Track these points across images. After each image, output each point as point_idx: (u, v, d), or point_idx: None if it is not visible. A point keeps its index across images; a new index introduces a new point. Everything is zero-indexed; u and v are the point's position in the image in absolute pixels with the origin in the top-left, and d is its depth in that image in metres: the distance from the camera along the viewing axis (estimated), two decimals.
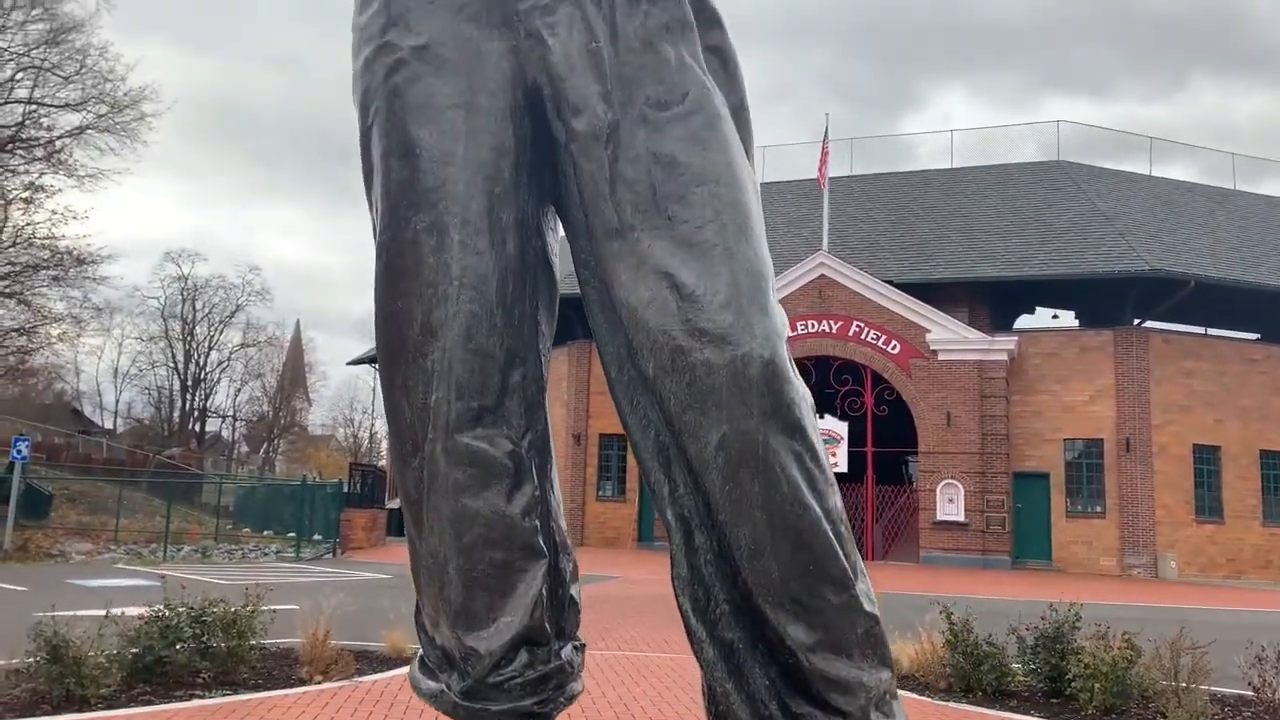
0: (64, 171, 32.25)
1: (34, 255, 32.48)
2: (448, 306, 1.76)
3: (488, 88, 1.78)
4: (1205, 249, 30.19)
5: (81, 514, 29.27)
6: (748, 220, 1.69)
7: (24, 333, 33.70)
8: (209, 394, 65.84)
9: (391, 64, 1.82)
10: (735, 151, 1.74)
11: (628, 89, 1.73)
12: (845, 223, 33.32)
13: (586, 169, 1.74)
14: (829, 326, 28.64)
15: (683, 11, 1.78)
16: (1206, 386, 28.04)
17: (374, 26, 1.86)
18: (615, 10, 1.75)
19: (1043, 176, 34.12)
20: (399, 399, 1.81)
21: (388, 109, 1.81)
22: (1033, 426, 28.17)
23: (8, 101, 32.34)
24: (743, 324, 1.60)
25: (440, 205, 1.77)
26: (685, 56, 1.76)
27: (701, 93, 1.74)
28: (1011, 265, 29.49)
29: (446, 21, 1.80)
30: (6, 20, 31.93)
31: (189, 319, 61.97)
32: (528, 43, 1.78)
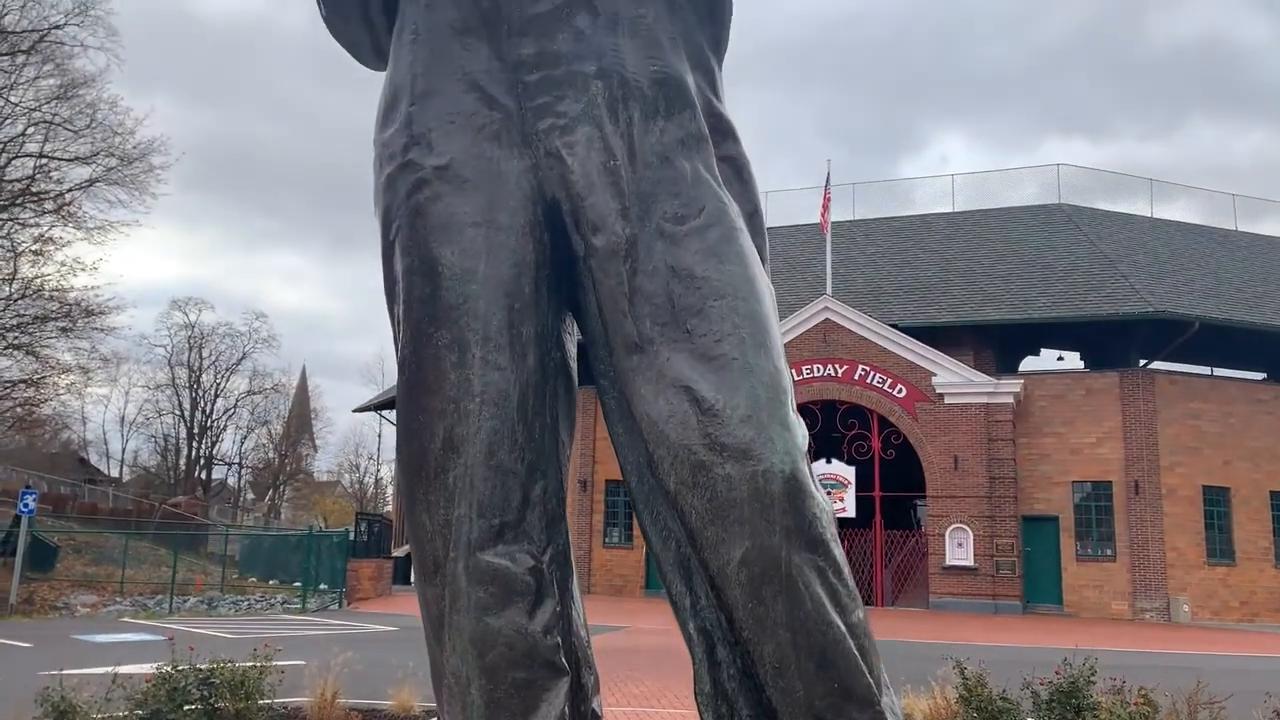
0: (73, 224, 32.57)
1: (43, 307, 32.68)
2: (469, 423, 1.78)
3: (508, 205, 1.82)
4: (1209, 290, 30.23)
5: (87, 565, 29.18)
6: (766, 333, 1.71)
7: (32, 384, 33.79)
8: (215, 441, 65.86)
9: (414, 183, 1.86)
10: (752, 264, 1.77)
11: (645, 204, 1.76)
12: (848, 267, 33.46)
13: (606, 284, 1.77)
14: (834, 370, 28.66)
15: (698, 126, 1.83)
16: (1214, 428, 27.94)
17: (396, 144, 1.90)
18: (632, 128, 1.79)
19: (1044, 219, 34.27)
20: (420, 514, 1.82)
21: (410, 227, 1.85)
22: (1040, 469, 28.05)
23: (19, 155, 32.73)
24: (764, 439, 1.62)
25: (462, 322, 1.80)
26: (701, 170, 1.80)
27: (718, 206, 1.78)
28: (1015, 308, 29.54)
29: (468, 141, 1.85)
30: (18, 76, 32.44)
31: (195, 367, 62.20)
32: (547, 161, 1.82)
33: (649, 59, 1.83)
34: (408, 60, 1.92)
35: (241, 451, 68.43)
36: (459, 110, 1.87)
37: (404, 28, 1.94)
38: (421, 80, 1.90)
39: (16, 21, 31.92)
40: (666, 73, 1.83)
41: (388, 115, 1.94)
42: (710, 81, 1.91)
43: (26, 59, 32.46)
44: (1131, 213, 35.62)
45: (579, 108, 1.81)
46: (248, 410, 66.02)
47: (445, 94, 1.88)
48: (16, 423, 37.24)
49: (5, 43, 32.07)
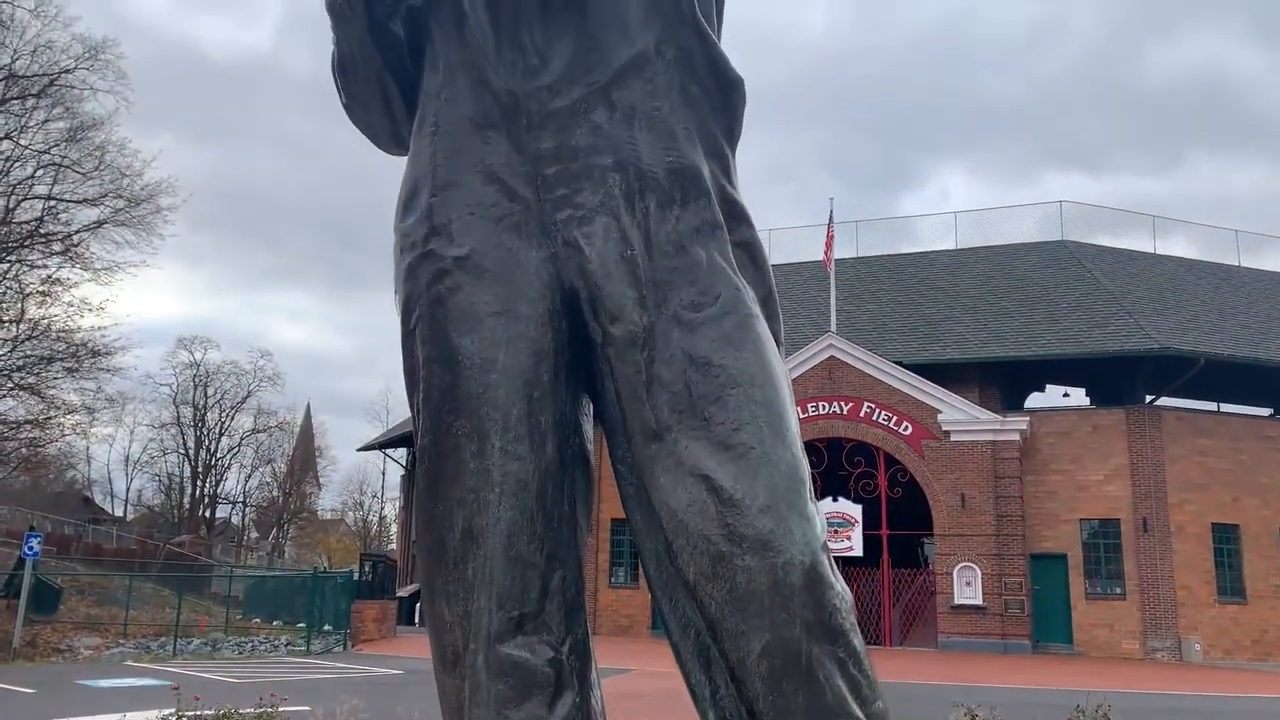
0: (81, 265, 32.70)
1: (49, 347, 32.78)
2: (489, 513, 1.79)
3: (527, 295, 1.85)
4: (1213, 326, 30.23)
5: (90, 606, 29.05)
6: (783, 421, 1.72)
7: (38, 424, 33.81)
8: (219, 480, 65.79)
9: (434, 273, 1.89)
10: (768, 351, 1.78)
11: (662, 292, 1.78)
12: (852, 304, 33.52)
13: (624, 372, 1.78)
14: (840, 408, 28.63)
15: (712, 214, 1.85)
16: (1222, 464, 27.82)
17: (417, 234, 1.92)
18: (649, 217, 1.82)
19: (1047, 256, 34.36)
20: (440, 604, 1.83)
21: (430, 317, 1.88)
22: (1047, 507, 27.92)
23: (28, 197, 32.95)
24: (783, 530, 1.62)
25: (482, 411, 1.81)
26: (716, 257, 1.82)
27: (733, 294, 1.79)
28: (1020, 345, 29.55)
29: (487, 231, 1.87)
30: (29, 119, 32.75)
31: (200, 405, 62.24)
32: (565, 250, 1.85)
33: (664, 150, 1.85)
34: (429, 152, 1.95)
35: (245, 490, 68.35)
36: (479, 201, 1.89)
37: (425, 120, 1.97)
38: (443, 172, 1.93)
39: (27, 66, 32.29)
40: (682, 163, 1.86)
41: (409, 205, 1.97)
42: (724, 169, 1.94)
43: (37, 102, 32.78)
44: (1134, 249, 35.72)
45: (596, 199, 1.84)
46: (252, 448, 66.04)
47: (466, 185, 1.91)
48: (21, 463, 37.21)
49: (16, 87, 32.42)
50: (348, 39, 1.97)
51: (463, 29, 1.92)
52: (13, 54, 31.92)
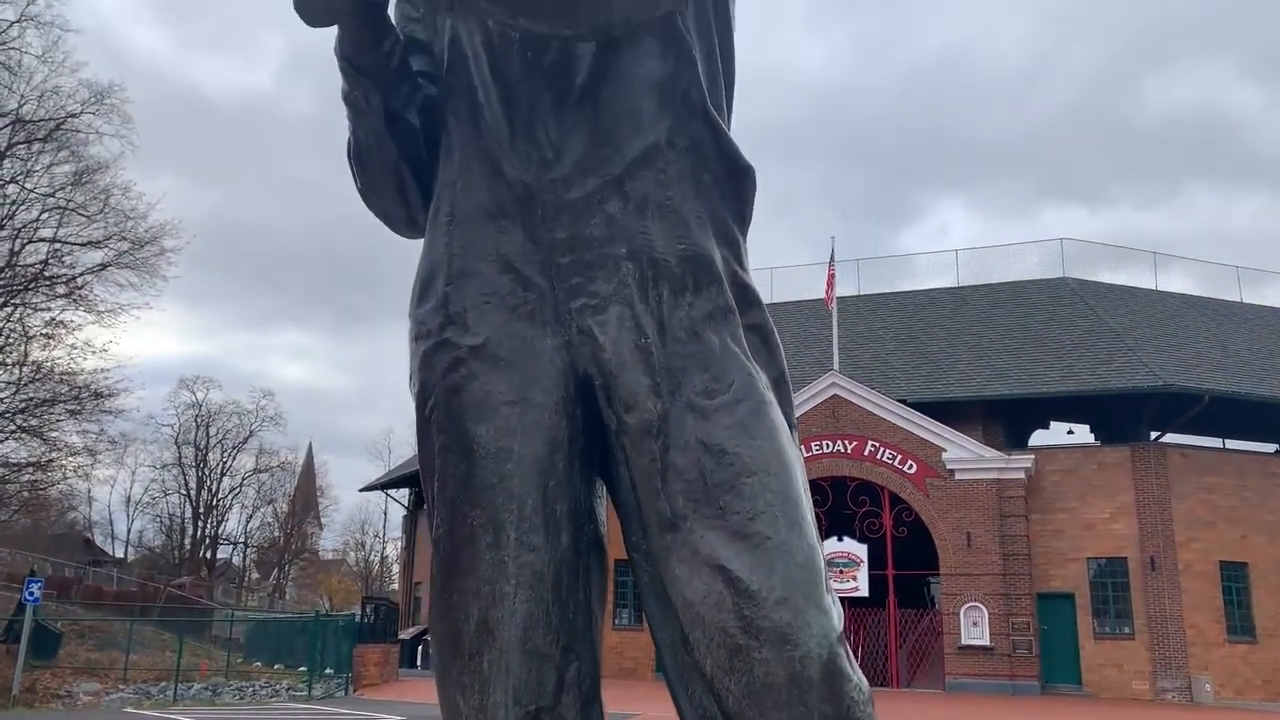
0: (84, 307, 32.83)
1: (52, 390, 32.82)
2: (504, 606, 1.78)
3: (542, 384, 1.85)
4: (1216, 362, 30.23)
5: (90, 650, 28.87)
6: (798, 510, 1.72)
7: (39, 467, 33.77)
8: (220, 521, 65.62)
9: (450, 361, 1.89)
10: (782, 438, 1.78)
11: (676, 378, 1.78)
12: (854, 342, 33.56)
13: (639, 462, 1.78)
14: (844, 446, 28.56)
15: (725, 299, 1.85)
16: (1228, 501, 27.69)
17: (433, 322, 1.93)
18: (662, 305, 1.82)
19: (1049, 293, 34.44)
20: (455, 695, 1.82)
21: (446, 405, 1.88)
22: (1054, 545, 27.76)
23: (33, 240, 33.13)
24: (800, 622, 1.61)
25: (497, 502, 1.81)
26: (729, 342, 1.82)
27: (746, 380, 1.79)
28: (1023, 383, 29.53)
29: (502, 320, 1.88)
30: (34, 164, 33.02)
31: (202, 445, 62.22)
32: (579, 338, 1.85)
33: (677, 238, 1.86)
34: (444, 241, 1.96)
35: (247, 530, 68.16)
36: (494, 290, 1.90)
37: (440, 208, 1.98)
38: (458, 260, 1.94)
39: (34, 111, 32.62)
40: (694, 250, 1.87)
41: (424, 292, 1.98)
42: (736, 253, 1.94)
43: (43, 146, 33.08)
44: (1135, 285, 35.82)
45: (610, 288, 1.84)
46: (253, 489, 65.96)
47: (481, 274, 1.91)
48: (22, 506, 37.15)
49: (23, 131, 32.72)
50: (364, 129, 1.98)
51: (478, 121, 1.93)
52: (20, 99, 32.27)
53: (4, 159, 32.55)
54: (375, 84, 1.93)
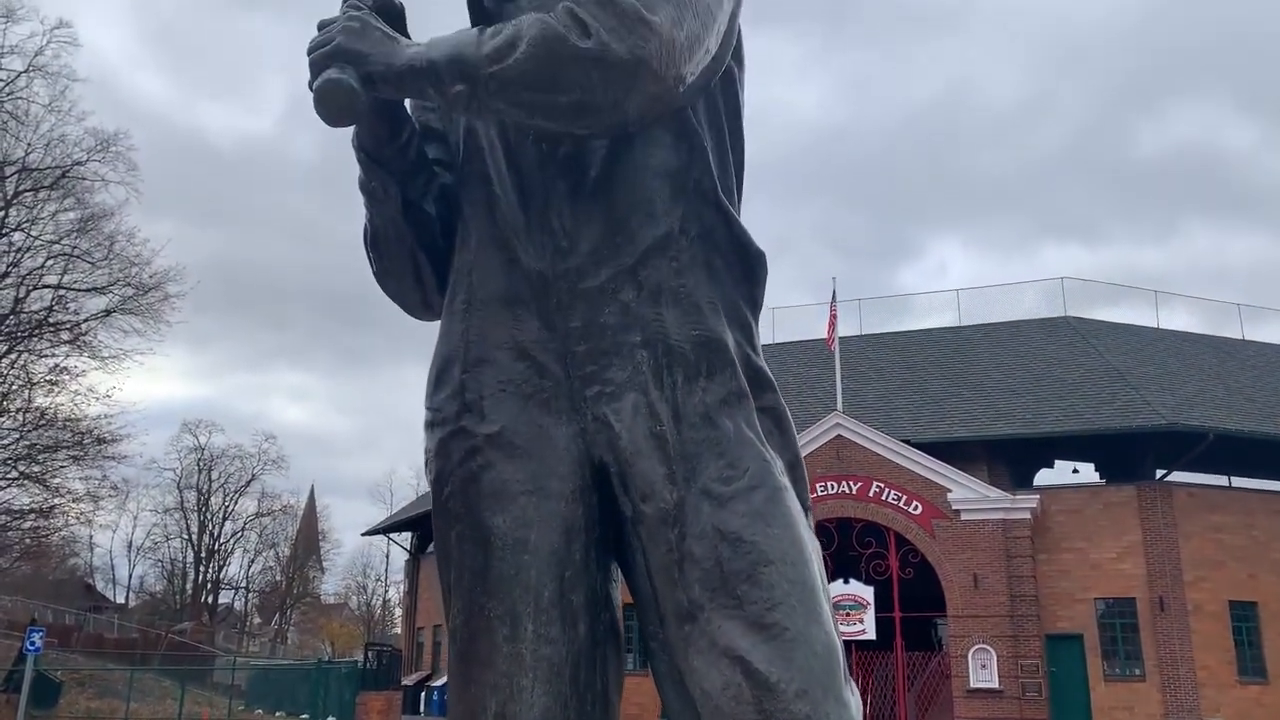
0: (89, 353, 32.87)
1: (54, 436, 32.76)
2: (522, 699, 1.78)
3: (558, 472, 1.85)
4: (1220, 400, 30.19)
5: (90, 699, 28.60)
6: (815, 599, 1.72)
7: (42, 514, 33.65)
8: (222, 565, 65.31)
9: (466, 450, 1.90)
10: (798, 525, 1.78)
11: (691, 464, 1.79)
12: (857, 382, 33.55)
13: (655, 551, 1.79)
14: (849, 488, 28.44)
15: (738, 384, 1.86)
16: (1236, 540, 27.52)
17: (449, 410, 1.94)
18: (676, 391, 1.83)
19: (1051, 332, 34.49)
20: None
21: (463, 495, 1.89)
22: (1061, 586, 27.55)
23: (38, 287, 33.24)
24: (819, 715, 1.62)
25: (515, 594, 1.81)
26: (743, 428, 1.83)
27: (761, 466, 1.80)
28: (1027, 423, 29.48)
29: (518, 408, 1.89)
30: (40, 211, 33.23)
31: (204, 489, 62.09)
32: (595, 426, 1.86)
33: (690, 324, 1.88)
34: (460, 328, 1.97)
35: (249, 575, 67.78)
36: (510, 378, 1.91)
37: (456, 296, 2.00)
38: (475, 348, 1.95)
39: (40, 159, 32.88)
40: (707, 335, 1.88)
41: (440, 380, 1.99)
42: (748, 337, 1.96)
43: (49, 194, 33.30)
44: (1137, 323, 35.87)
45: (625, 375, 1.86)
46: (256, 533, 65.75)
47: (497, 362, 1.93)
48: (24, 553, 36.98)
49: (29, 179, 32.97)
50: (381, 217, 2.00)
51: (494, 210, 1.96)
52: (27, 148, 32.55)
53: (10, 207, 32.77)
54: (392, 175, 1.95)
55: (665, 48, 1.66)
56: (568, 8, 1.67)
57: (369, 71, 1.74)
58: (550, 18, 1.66)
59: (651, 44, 1.64)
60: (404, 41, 1.80)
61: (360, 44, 1.76)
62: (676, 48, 1.68)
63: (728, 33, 1.89)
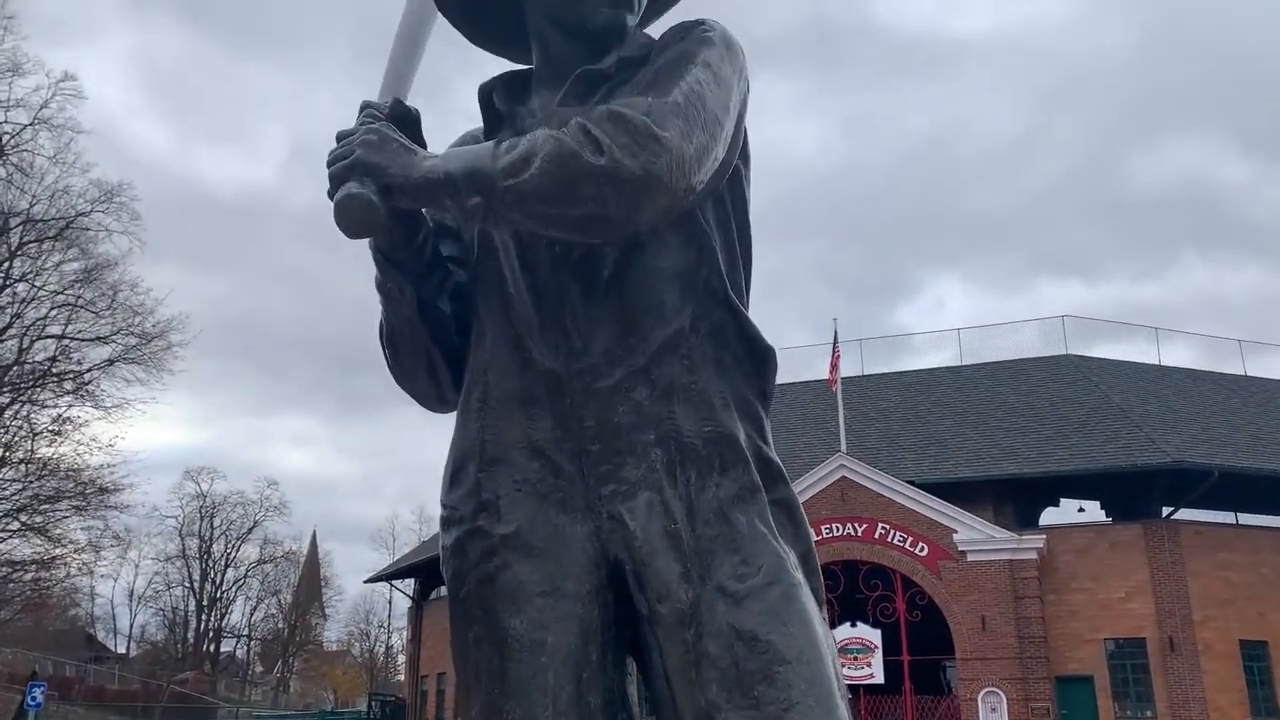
0: (91, 403, 32.87)
1: (57, 486, 32.67)
2: None
3: (574, 573, 1.87)
4: (1224, 437, 30.12)
5: None
6: (832, 698, 1.74)
7: (43, 565, 33.46)
8: (224, 613, 64.85)
9: (483, 550, 1.92)
10: (813, 622, 1.80)
11: (706, 562, 1.81)
12: (860, 423, 33.50)
13: (672, 652, 1.80)
14: (854, 529, 28.28)
15: (751, 477, 1.88)
16: (1245, 578, 27.32)
17: (465, 509, 1.96)
18: (690, 488, 1.85)
19: (1052, 370, 34.50)
20: None
21: (479, 595, 1.90)
22: (1070, 627, 27.31)
23: (41, 337, 33.34)
24: None
25: (532, 697, 1.82)
26: (756, 523, 1.85)
27: (775, 562, 1.82)
28: (1032, 462, 29.39)
29: (534, 508, 1.91)
30: (44, 262, 33.40)
31: (206, 537, 61.84)
32: (610, 524, 1.88)
33: (702, 420, 1.90)
34: (476, 426, 2.00)
35: (251, 623, 67.27)
36: (525, 478, 1.93)
37: (471, 394, 2.02)
38: (490, 447, 1.97)
39: (45, 210, 33.11)
40: (719, 431, 1.90)
41: (456, 478, 2.01)
42: (759, 429, 1.98)
43: (53, 245, 33.49)
44: (1138, 360, 35.89)
45: (639, 473, 1.88)
46: (258, 580, 65.38)
47: (512, 461, 1.95)
48: (25, 605, 36.73)
49: (34, 231, 33.19)
50: (397, 316, 2.03)
51: (508, 310, 1.98)
52: (31, 199, 32.79)
53: (15, 258, 32.97)
54: (408, 275, 1.98)
55: (676, 162, 1.70)
56: (580, 124, 1.70)
57: (388, 184, 1.78)
58: (564, 134, 1.70)
59: (662, 159, 1.68)
60: (421, 153, 1.84)
61: (378, 157, 1.79)
62: (686, 161, 1.72)
63: (734, 137, 1.93)
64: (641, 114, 1.70)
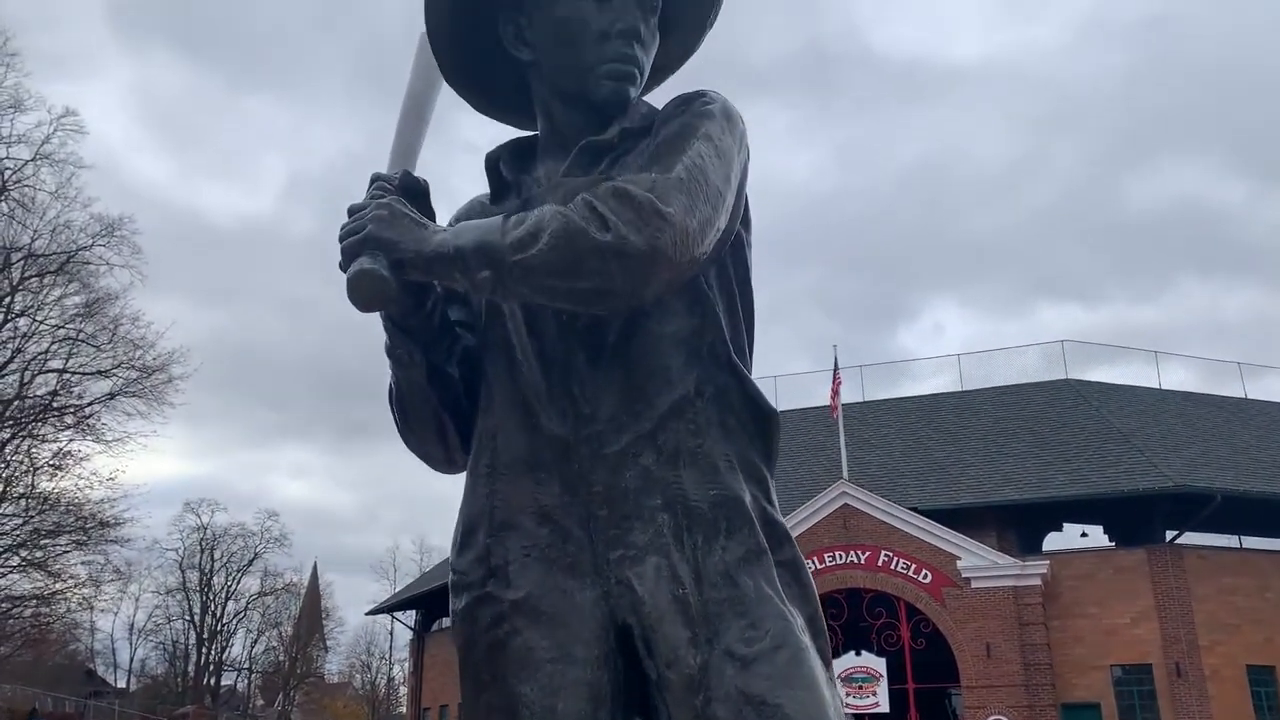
0: (92, 437, 32.81)
1: (57, 520, 32.55)
2: None
3: (583, 638, 1.89)
4: (1225, 460, 30.08)
5: None
6: None
7: (43, 600, 33.29)
8: (225, 646, 64.48)
9: (493, 616, 1.94)
10: (820, 685, 1.82)
11: (714, 626, 1.83)
12: (862, 449, 33.45)
13: (682, 718, 1.81)
14: (857, 557, 28.17)
15: (757, 540, 1.91)
16: (1250, 603, 27.18)
17: (475, 575, 1.98)
18: (697, 551, 1.88)
19: (1052, 395, 34.50)
20: None
21: (489, 660, 1.92)
22: (1075, 654, 27.14)
23: (42, 371, 33.32)
24: None
25: None
26: (763, 585, 1.87)
27: (782, 625, 1.84)
28: (1034, 487, 29.33)
29: (543, 574, 1.93)
30: (45, 296, 33.45)
31: (207, 569, 61.59)
32: (618, 589, 1.90)
33: (708, 484, 1.92)
34: (485, 492, 2.02)
35: (252, 655, 66.84)
36: (534, 543, 1.96)
37: (480, 458, 2.05)
38: (499, 512, 2.00)
39: (47, 245, 33.19)
40: (725, 494, 1.92)
41: (465, 542, 2.04)
42: (764, 491, 2.00)
43: (54, 279, 33.55)
44: (1138, 384, 35.91)
45: (646, 538, 1.90)
46: (258, 612, 65.01)
47: (521, 527, 1.97)
48: (25, 641, 36.52)
49: (35, 265, 33.26)
50: (406, 380, 2.06)
51: (516, 376, 2.01)
52: (33, 234, 32.88)
53: (16, 293, 33.03)
54: (417, 341, 2.01)
55: (679, 237, 1.74)
56: (587, 200, 1.74)
57: (399, 259, 1.82)
58: (571, 210, 1.74)
59: (666, 235, 1.72)
60: (431, 227, 1.88)
61: (390, 232, 1.84)
62: (690, 235, 1.76)
63: (735, 205, 1.97)
64: (646, 190, 1.74)
